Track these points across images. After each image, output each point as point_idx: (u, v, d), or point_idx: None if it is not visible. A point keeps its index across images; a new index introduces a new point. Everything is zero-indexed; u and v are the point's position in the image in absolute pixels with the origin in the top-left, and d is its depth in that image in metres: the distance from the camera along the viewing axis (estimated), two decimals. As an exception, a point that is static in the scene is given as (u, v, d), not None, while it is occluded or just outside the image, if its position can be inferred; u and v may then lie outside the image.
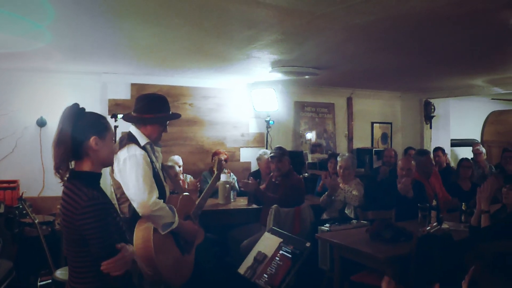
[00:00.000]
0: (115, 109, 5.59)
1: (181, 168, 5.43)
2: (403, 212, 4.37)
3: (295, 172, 5.02)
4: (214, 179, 3.62)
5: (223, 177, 5.16)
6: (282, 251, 2.81)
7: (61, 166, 1.82)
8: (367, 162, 7.32)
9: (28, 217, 3.69)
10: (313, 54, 4.45)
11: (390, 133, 8.35)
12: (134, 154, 2.60)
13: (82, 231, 1.77)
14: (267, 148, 6.47)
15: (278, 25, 3.31)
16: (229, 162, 6.09)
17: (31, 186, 5.06)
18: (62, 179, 1.84)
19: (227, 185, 5.19)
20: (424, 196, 4.50)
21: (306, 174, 6.46)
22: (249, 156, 6.71)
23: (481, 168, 6.60)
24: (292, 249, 2.77)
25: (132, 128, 2.78)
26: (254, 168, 6.53)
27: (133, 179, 2.55)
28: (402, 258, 3.28)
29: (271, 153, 4.96)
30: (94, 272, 1.82)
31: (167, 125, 2.90)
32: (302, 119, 7.32)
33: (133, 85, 5.93)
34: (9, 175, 5.23)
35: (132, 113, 2.82)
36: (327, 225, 4.24)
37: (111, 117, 4.55)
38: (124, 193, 2.65)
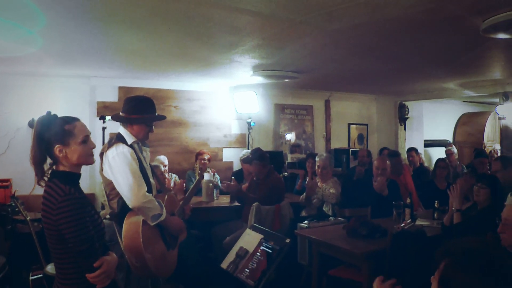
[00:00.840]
0: (103, 111, 5.68)
1: (167, 168, 5.50)
2: (379, 210, 4.48)
3: (276, 172, 5.12)
4: (197, 182, 3.72)
5: (207, 176, 5.25)
6: (263, 247, 2.88)
7: (36, 170, 1.94)
8: (344, 162, 7.40)
9: (20, 214, 3.71)
10: (293, 59, 4.51)
11: (366, 134, 8.45)
12: (122, 151, 2.72)
13: (59, 226, 1.81)
14: (249, 148, 6.56)
15: (259, 31, 3.37)
16: (212, 162, 6.18)
17: (23, 185, 5.06)
18: (39, 182, 1.94)
19: (211, 184, 5.27)
20: (398, 194, 4.59)
21: (286, 173, 6.53)
22: (231, 156, 6.82)
23: (453, 168, 6.77)
24: (273, 245, 2.84)
25: (121, 129, 2.91)
26: (237, 168, 6.62)
27: (123, 174, 2.66)
28: (378, 254, 3.35)
29: (242, 156, 5.01)
30: (78, 274, 1.88)
31: (153, 126, 3.01)
32: (282, 121, 7.41)
33: (121, 88, 6.00)
34: (2, 174, 5.27)
35: (121, 114, 2.94)
36: (306, 222, 4.26)
37: (100, 119, 4.64)
38: (113, 190, 2.75)
